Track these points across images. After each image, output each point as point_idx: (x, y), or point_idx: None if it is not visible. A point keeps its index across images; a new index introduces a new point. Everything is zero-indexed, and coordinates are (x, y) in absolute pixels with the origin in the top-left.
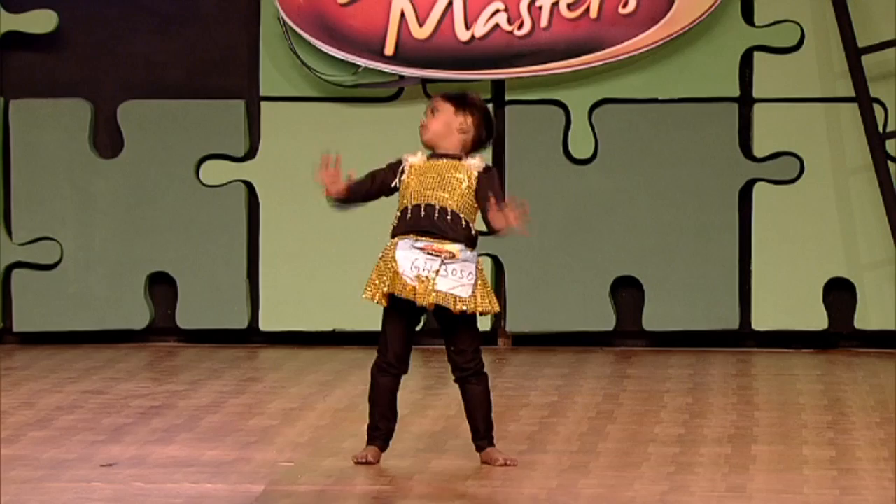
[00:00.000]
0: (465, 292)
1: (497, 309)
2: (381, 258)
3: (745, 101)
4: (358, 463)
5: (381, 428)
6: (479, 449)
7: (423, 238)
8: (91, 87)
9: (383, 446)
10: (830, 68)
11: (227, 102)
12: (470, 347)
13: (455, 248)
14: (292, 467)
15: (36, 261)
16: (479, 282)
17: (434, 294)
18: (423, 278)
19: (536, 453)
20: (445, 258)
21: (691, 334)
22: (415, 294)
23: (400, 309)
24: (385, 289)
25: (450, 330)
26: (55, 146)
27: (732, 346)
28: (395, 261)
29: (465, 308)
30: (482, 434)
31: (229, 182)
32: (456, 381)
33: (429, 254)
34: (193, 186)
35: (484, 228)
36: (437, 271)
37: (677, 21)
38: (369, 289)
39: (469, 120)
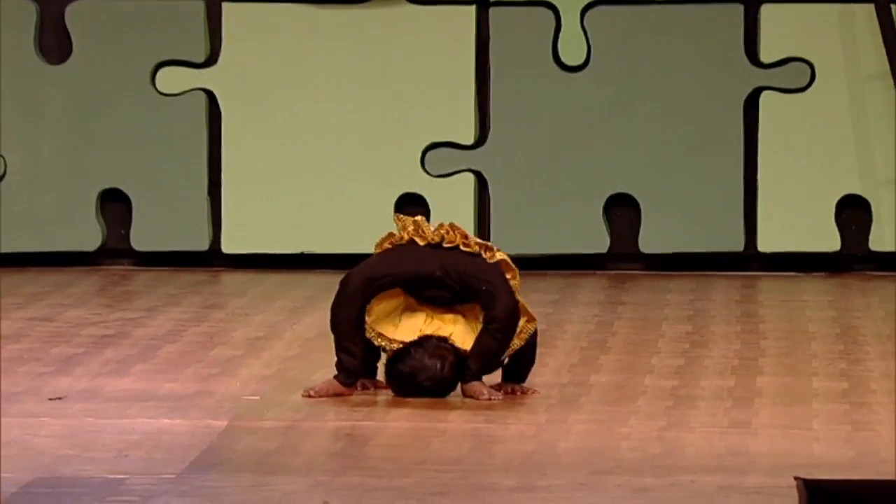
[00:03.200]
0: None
1: (513, 270)
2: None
3: (751, 2)
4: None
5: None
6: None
7: None
8: None
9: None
10: None
11: (186, 3)
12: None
13: None
14: (258, 401)
15: None
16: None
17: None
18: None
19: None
20: None
21: (692, 257)
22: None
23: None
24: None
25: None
26: None
27: (736, 270)
28: None
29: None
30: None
31: (188, 91)
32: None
33: None
34: (149, 95)
35: None
36: None
37: None
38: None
39: None
